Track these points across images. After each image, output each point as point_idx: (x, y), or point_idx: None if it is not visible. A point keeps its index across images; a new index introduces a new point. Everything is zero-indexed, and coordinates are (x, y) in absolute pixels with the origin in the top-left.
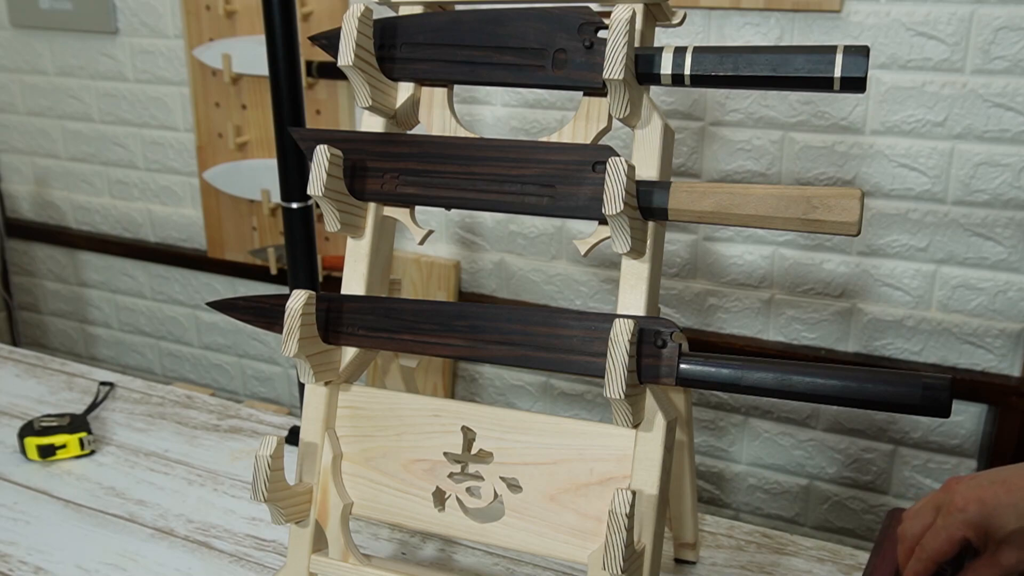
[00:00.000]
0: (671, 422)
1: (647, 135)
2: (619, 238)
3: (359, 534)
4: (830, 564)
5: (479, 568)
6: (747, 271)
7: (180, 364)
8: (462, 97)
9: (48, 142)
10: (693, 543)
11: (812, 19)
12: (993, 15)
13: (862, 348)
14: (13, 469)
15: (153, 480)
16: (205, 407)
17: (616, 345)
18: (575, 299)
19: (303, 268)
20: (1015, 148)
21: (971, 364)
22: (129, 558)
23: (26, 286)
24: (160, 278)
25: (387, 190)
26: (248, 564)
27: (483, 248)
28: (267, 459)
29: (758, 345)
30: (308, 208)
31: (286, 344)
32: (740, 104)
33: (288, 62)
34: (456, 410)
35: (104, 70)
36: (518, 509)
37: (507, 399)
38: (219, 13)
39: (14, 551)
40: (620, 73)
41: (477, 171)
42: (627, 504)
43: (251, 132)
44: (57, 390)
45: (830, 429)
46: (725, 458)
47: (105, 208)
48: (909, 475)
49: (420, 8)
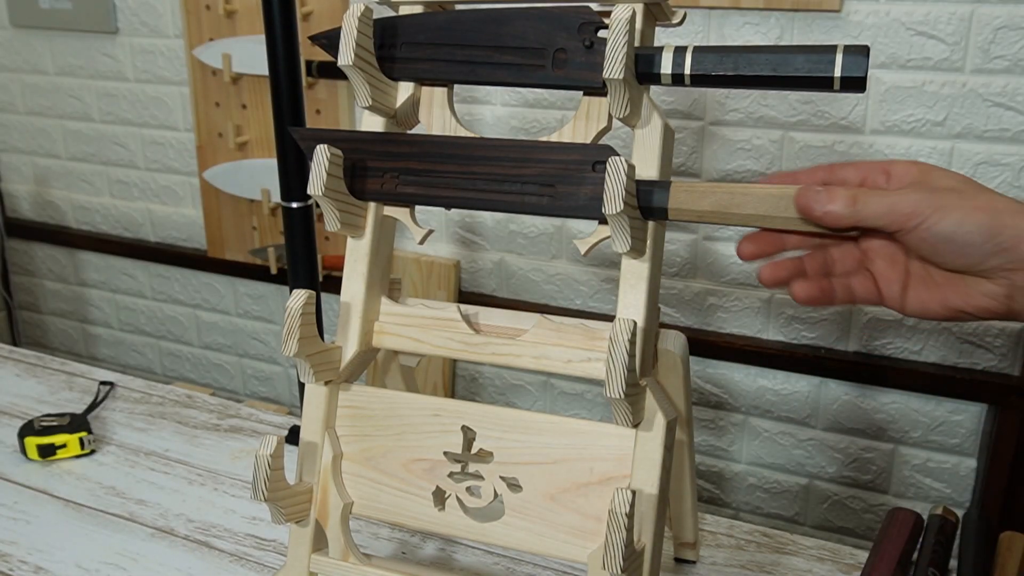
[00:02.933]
0: (671, 422)
1: (647, 135)
2: (619, 238)
3: (359, 533)
4: (830, 563)
5: (479, 568)
6: (747, 271)
7: (180, 364)
8: (462, 97)
9: (48, 142)
10: (693, 542)
11: (812, 19)
12: (993, 14)
13: (862, 347)
14: (13, 469)
15: (153, 480)
16: (205, 407)
17: (616, 345)
18: (575, 299)
19: (303, 268)
20: (1015, 147)
21: (971, 364)
22: (129, 558)
23: (26, 286)
24: (160, 278)
25: (387, 190)
26: (248, 563)
27: (483, 248)
28: (267, 458)
29: (758, 344)
30: (308, 208)
31: (286, 344)
32: (740, 104)
33: (288, 62)
34: (456, 409)
35: (104, 70)
36: (518, 509)
37: (507, 398)
38: (219, 13)
39: (14, 551)
40: (620, 72)
41: (477, 170)
42: (627, 503)
43: (251, 132)
44: (57, 390)
45: (830, 428)
46: (725, 457)
47: (105, 208)
48: (909, 474)
49: (420, 8)
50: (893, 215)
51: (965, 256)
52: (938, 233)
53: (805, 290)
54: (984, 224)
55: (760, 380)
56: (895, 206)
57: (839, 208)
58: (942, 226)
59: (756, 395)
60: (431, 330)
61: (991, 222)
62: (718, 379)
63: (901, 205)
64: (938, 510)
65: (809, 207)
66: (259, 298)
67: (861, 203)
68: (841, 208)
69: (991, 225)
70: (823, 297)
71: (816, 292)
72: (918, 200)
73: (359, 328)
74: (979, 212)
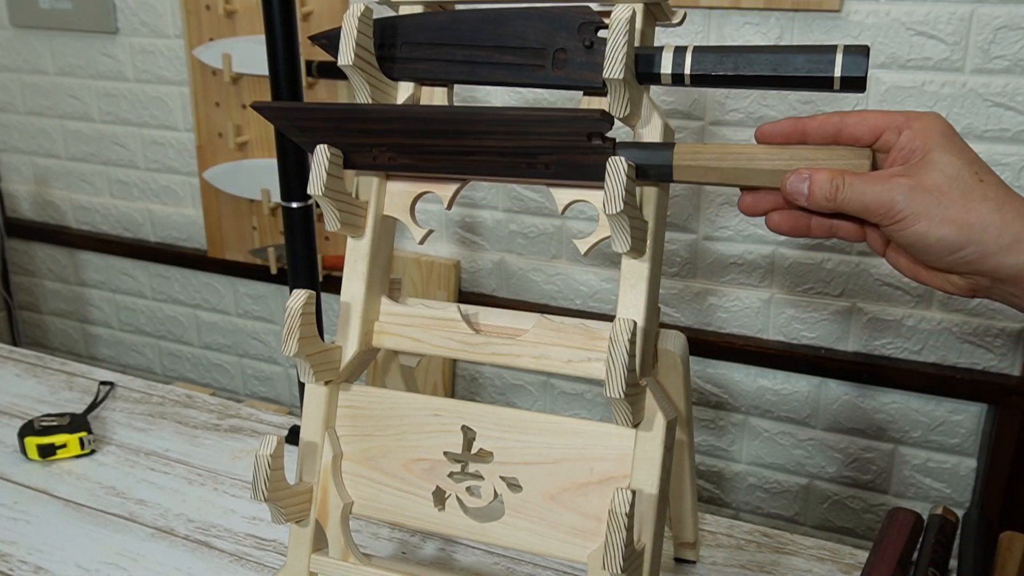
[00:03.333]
0: (671, 421)
1: (647, 135)
2: (619, 238)
3: (359, 533)
4: (830, 563)
5: (479, 568)
6: (747, 271)
7: (180, 364)
8: (462, 97)
9: (48, 142)
10: (693, 542)
11: (812, 19)
12: (993, 14)
13: (862, 347)
14: (13, 469)
15: (153, 480)
16: (205, 407)
17: (616, 345)
18: (575, 299)
19: (303, 268)
20: (1015, 147)
21: (971, 363)
22: (129, 557)
23: (26, 286)
24: (160, 278)
25: (380, 162)
26: (248, 563)
27: (483, 248)
28: (267, 458)
29: (758, 344)
30: (308, 208)
31: (286, 344)
32: (740, 104)
33: (288, 62)
34: (456, 409)
35: (104, 70)
36: (518, 508)
37: (507, 398)
38: (219, 13)
39: (14, 551)
40: (620, 73)
41: (469, 144)
42: (627, 503)
43: (251, 132)
44: (57, 390)
45: (830, 428)
46: (725, 457)
47: (105, 208)
48: (909, 474)
49: (420, 8)
50: (867, 212)
51: (929, 259)
52: (903, 237)
53: (780, 219)
54: (949, 239)
55: (760, 380)
56: (869, 206)
57: (819, 199)
58: (907, 233)
59: (756, 395)
60: (431, 330)
61: (957, 237)
62: (718, 379)
63: (875, 205)
64: (938, 510)
65: (794, 196)
66: (259, 298)
67: (840, 197)
68: (822, 200)
69: (956, 240)
70: (797, 229)
71: (792, 222)
72: (892, 202)
73: (359, 328)
74: (947, 226)
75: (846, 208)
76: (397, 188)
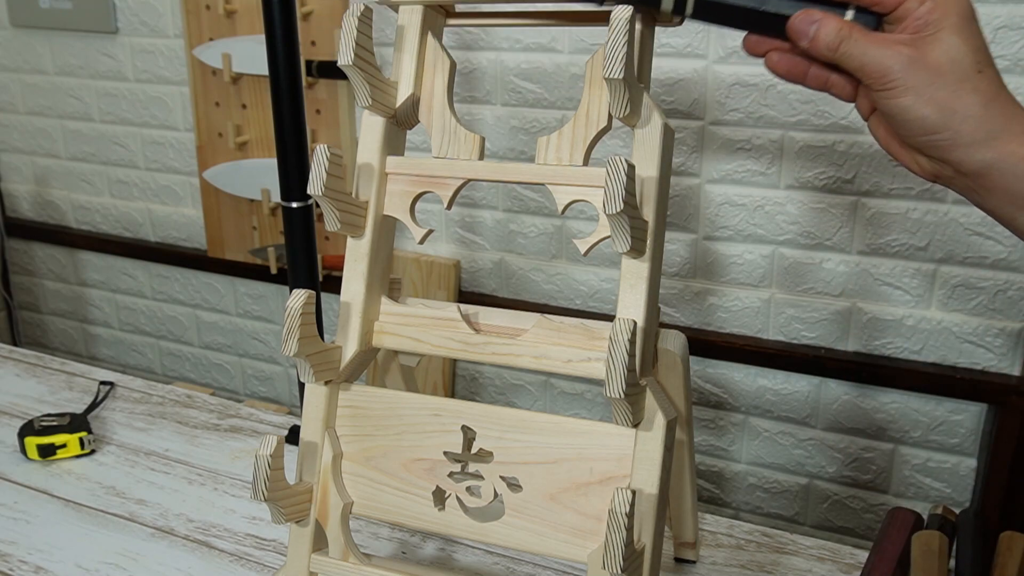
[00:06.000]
0: (671, 421)
1: (647, 134)
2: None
3: (359, 533)
4: (830, 563)
5: (479, 568)
6: (747, 270)
7: (180, 363)
8: (462, 97)
9: (48, 142)
10: (693, 542)
11: None
12: (993, 14)
13: (862, 347)
14: (13, 469)
15: (153, 479)
16: (205, 406)
17: (616, 345)
18: (575, 299)
19: (303, 268)
20: None
21: (971, 363)
22: (129, 557)
23: (26, 286)
24: (160, 277)
25: None
26: (248, 563)
27: (483, 248)
28: (267, 458)
29: (758, 344)
30: (308, 208)
31: (286, 344)
32: (740, 103)
33: (288, 62)
34: (456, 409)
35: (104, 70)
36: (518, 508)
37: (507, 398)
38: (219, 13)
39: (14, 551)
40: (620, 73)
41: None
42: (627, 503)
43: (251, 131)
44: (57, 390)
45: (830, 428)
46: (725, 457)
47: (105, 208)
48: (909, 474)
49: (420, 8)
50: (863, 72)
51: (904, 134)
52: (888, 106)
53: (780, 59)
54: (929, 119)
55: (760, 380)
56: (866, 65)
57: (822, 46)
58: (892, 103)
59: (756, 395)
60: (431, 330)
61: (936, 120)
62: (718, 379)
63: (872, 67)
64: (938, 510)
65: (798, 35)
66: (259, 298)
67: (843, 49)
68: (823, 47)
69: (934, 123)
70: (793, 74)
71: (789, 65)
72: (889, 68)
73: (359, 328)
74: (930, 106)
75: (845, 62)
76: (397, 188)
